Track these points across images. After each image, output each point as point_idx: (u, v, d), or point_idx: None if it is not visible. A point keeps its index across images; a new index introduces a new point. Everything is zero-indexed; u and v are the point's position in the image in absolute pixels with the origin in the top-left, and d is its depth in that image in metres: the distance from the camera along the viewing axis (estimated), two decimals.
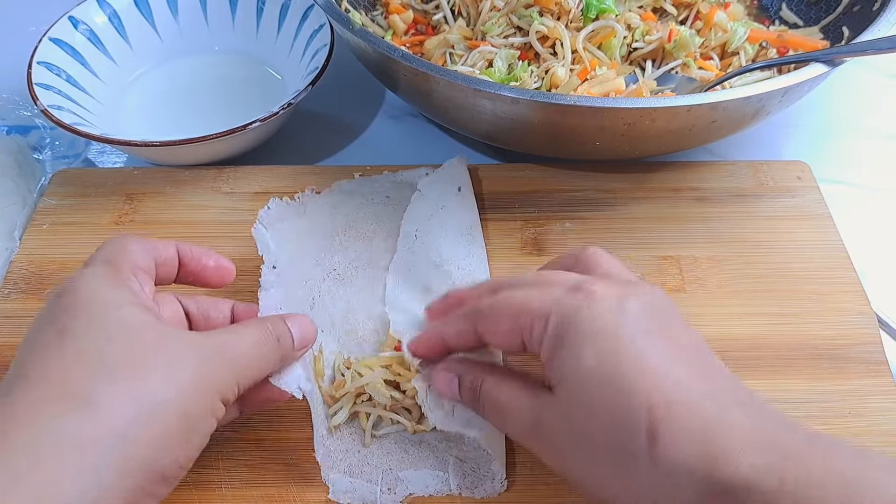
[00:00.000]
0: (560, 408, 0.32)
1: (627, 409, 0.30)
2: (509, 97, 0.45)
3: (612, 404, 0.30)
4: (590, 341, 0.31)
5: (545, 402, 0.33)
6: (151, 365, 0.31)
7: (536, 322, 0.33)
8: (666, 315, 0.33)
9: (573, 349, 0.32)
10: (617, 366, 0.31)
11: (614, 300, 0.32)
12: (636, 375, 0.30)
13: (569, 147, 0.51)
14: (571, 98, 0.45)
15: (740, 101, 0.45)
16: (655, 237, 0.50)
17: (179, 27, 0.64)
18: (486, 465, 0.39)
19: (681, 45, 0.56)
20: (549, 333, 0.33)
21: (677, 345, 0.32)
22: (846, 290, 0.47)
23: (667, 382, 0.30)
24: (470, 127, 0.52)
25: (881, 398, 0.42)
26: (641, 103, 0.44)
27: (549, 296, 0.34)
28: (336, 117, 0.63)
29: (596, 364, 0.31)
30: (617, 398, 0.30)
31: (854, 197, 0.56)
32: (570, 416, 0.32)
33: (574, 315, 0.32)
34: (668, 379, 0.30)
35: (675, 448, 0.29)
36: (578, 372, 0.31)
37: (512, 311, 0.34)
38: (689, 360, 0.31)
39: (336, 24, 0.53)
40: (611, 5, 0.55)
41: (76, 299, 0.32)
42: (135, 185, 0.54)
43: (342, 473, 0.39)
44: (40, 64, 0.56)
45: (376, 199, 0.51)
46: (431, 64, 0.48)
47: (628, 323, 0.32)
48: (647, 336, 0.31)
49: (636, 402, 0.30)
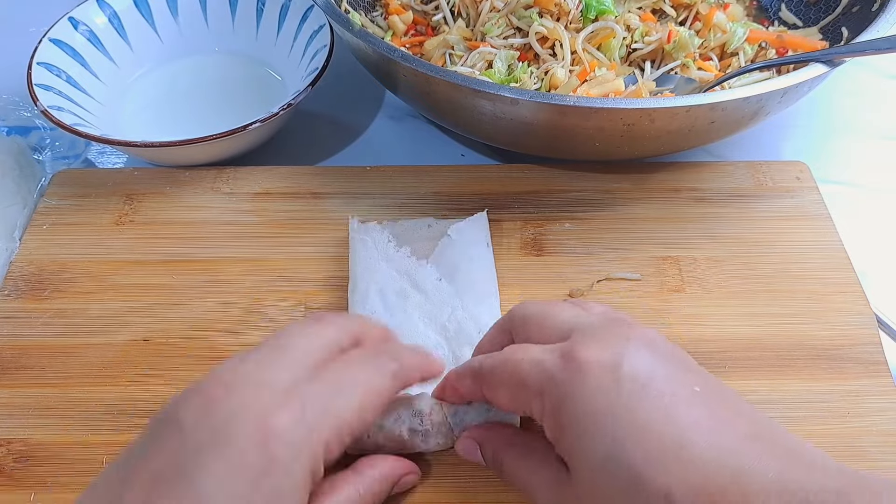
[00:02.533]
0: (577, 493, 0.31)
1: (646, 498, 0.28)
2: (509, 98, 0.45)
3: (629, 494, 0.29)
4: (590, 428, 0.30)
5: (564, 487, 0.32)
6: None
7: (534, 399, 0.32)
8: (665, 366, 0.31)
9: (577, 435, 0.30)
10: (625, 456, 0.29)
11: (606, 368, 0.30)
12: (646, 462, 0.28)
13: (569, 148, 0.51)
14: (571, 98, 0.45)
15: (739, 101, 0.45)
16: (655, 237, 0.50)
17: (179, 28, 0.64)
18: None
19: (680, 46, 0.56)
20: (548, 414, 0.32)
21: (684, 403, 0.30)
22: (845, 291, 0.47)
23: (679, 465, 0.28)
24: (470, 128, 0.52)
25: (880, 398, 0.42)
26: (640, 104, 0.44)
27: (542, 368, 0.32)
28: (336, 117, 0.63)
29: (604, 455, 0.29)
30: (632, 488, 0.28)
31: (853, 197, 0.56)
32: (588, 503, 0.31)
33: (566, 397, 0.31)
34: (680, 460, 0.28)
35: None
36: (589, 462, 0.30)
37: (510, 382, 0.33)
38: (699, 419, 0.29)
39: (336, 25, 0.53)
40: (610, 6, 0.55)
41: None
42: (135, 186, 0.54)
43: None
44: (40, 65, 0.56)
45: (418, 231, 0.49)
46: (431, 65, 0.48)
47: (626, 395, 0.30)
48: (649, 407, 0.29)
49: (653, 490, 0.28)
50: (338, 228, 0.51)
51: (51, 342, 0.45)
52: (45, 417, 0.42)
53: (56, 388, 0.43)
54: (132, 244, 0.50)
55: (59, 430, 0.41)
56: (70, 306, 0.47)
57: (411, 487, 0.38)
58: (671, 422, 0.29)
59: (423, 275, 0.46)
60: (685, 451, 0.28)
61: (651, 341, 0.32)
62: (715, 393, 0.31)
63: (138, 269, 0.49)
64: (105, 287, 0.48)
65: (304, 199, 0.53)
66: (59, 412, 0.42)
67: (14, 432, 0.41)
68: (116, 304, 0.47)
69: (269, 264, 0.49)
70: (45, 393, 0.43)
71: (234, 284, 0.48)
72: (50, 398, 0.42)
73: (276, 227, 0.51)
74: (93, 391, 0.43)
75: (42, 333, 0.45)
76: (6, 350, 0.45)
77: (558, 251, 0.49)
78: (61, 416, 0.42)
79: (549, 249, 0.50)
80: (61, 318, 0.46)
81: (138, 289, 0.48)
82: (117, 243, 0.50)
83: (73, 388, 0.43)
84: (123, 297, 0.47)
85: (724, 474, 0.27)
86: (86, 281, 0.48)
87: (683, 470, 0.28)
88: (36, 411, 0.42)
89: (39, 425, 0.41)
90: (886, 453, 0.40)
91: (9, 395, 0.43)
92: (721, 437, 0.29)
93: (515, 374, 0.33)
